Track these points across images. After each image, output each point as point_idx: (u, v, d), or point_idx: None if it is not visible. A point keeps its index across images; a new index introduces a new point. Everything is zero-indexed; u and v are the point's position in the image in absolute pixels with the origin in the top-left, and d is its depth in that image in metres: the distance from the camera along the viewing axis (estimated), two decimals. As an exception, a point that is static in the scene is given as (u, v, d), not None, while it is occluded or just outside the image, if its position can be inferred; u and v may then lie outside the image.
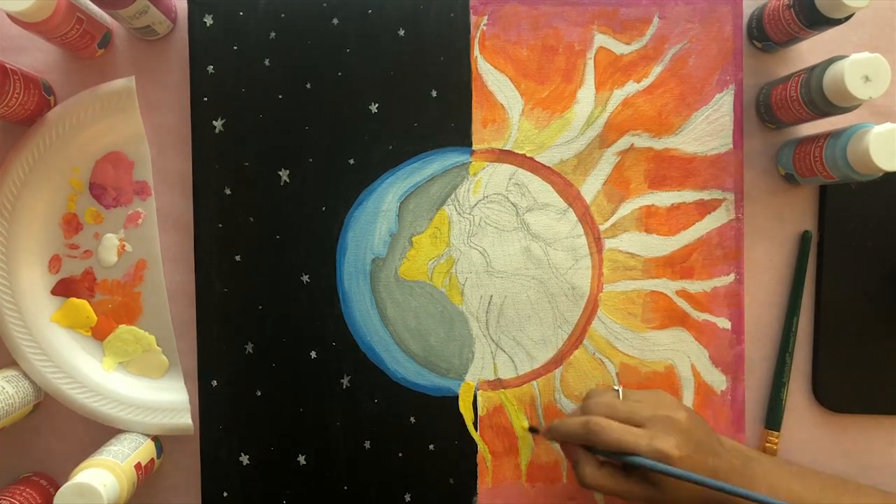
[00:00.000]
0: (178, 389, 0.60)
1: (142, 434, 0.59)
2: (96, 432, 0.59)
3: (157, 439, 0.59)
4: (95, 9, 0.56)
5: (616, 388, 0.54)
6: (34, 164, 0.58)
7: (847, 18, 0.52)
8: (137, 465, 0.55)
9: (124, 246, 0.60)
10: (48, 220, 0.59)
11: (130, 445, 0.56)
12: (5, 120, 0.57)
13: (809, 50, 0.61)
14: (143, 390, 0.60)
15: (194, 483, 0.60)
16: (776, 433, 0.60)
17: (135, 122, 0.59)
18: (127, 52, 0.60)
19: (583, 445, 0.53)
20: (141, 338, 0.60)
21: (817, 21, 0.53)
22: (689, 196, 0.60)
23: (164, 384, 0.60)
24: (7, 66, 0.53)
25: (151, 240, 0.60)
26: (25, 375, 0.58)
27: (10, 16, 0.50)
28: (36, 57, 0.60)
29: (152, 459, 0.57)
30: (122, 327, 0.60)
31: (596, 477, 0.51)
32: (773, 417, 0.60)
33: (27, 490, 0.56)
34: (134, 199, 0.60)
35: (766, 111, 0.59)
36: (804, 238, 0.60)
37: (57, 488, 0.51)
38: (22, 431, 0.60)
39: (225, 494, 0.59)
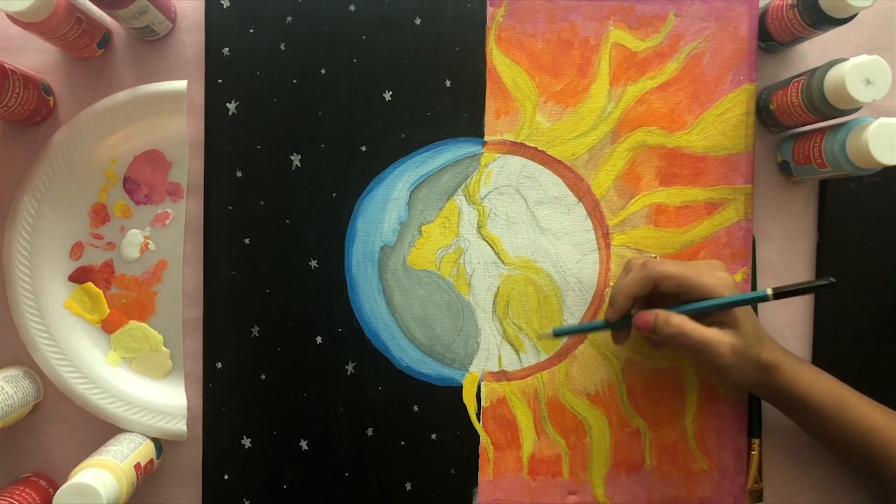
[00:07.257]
0: (177, 394, 0.60)
1: (141, 434, 0.58)
2: (96, 432, 0.59)
3: (156, 440, 0.59)
4: (95, 9, 0.56)
5: (654, 256, 0.53)
6: (74, 149, 0.58)
7: (850, 18, 0.52)
8: (137, 466, 0.55)
9: (148, 244, 0.60)
10: (77, 206, 0.59)
11: (130, 445, 0.56)
12: (4, 120, 0.57)
13: (811, 50, 0.61)
14: (142, 390, 0.59)
15: (194, 483, 0.60)
16: (755, 440, 0.60)
17: (180, 125, 0.59)
18: (126, 53, 0.60)
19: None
20: (150, 336, 0.60)
21: (821, 21, 0.53)
22: (699, 194, 0.60)
23: (165, 387, 0.60)
24: (6, 66, 0.53)
25: (176, 242, 0.60)
26: (25, 375, 0.58)
27: (9, 16, 0.49)
28: (35, 57, 0.59)
29: (152, 460, 0.57)
30: (133, 323, 0.60)
31: (681, 321, 0.50)
32: (752, 425, 0.60)
33: (26, 490, 0.56)
34: (165, 199, 0.60)
35: (768, 116, 0.59)
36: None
37: (56, 488, 0.51)
38: (21, 431, 0.60)
39: (226, 477, 0.59)
